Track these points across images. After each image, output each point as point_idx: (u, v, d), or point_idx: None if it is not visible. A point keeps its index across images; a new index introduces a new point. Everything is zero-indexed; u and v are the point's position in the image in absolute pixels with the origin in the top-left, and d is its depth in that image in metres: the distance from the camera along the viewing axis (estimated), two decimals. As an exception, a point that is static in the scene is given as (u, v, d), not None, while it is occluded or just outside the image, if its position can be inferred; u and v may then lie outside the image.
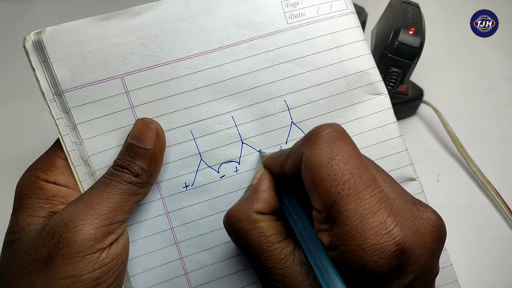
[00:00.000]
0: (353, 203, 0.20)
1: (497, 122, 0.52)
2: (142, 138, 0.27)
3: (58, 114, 0.28)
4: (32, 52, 0.28)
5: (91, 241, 0.24)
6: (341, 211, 0.20)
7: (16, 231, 0.26)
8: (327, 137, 0.22)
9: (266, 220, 0.24)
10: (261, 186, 0.26)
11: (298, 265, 0.23)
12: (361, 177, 0.21)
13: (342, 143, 0.22)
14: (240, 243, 0.25)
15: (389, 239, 0.20)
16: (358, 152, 0.22)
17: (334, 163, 0.21)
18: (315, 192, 0.21)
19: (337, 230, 0.21)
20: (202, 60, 0.29)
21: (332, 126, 0.23)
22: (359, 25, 0.31)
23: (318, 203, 0.21)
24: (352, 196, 0.20)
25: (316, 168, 0.21)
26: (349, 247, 0.20)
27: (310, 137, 0.22)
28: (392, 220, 0.20)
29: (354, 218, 0.20)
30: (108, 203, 0.26)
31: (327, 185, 0.21)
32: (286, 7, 0.30)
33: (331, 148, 0.21)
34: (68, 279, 0.24)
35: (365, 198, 0.20)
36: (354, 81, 0.30)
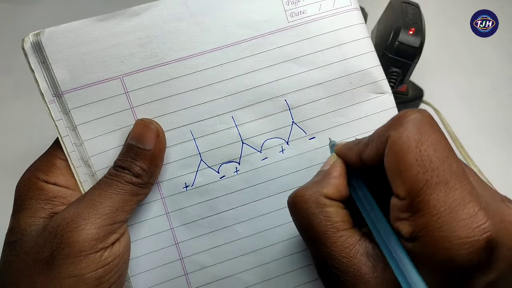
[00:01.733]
0: (442, 192, 0.19)
1: (497, 122, 0.52)
2: (142, 139, 0.27)
3: (58, 116, 0.28)
4: (31, 53, 0.28)
5: (93, 240, 0.24)
6: (428, 200, 0.19)
7: (17, 231, 0.26)
8: (416, 121, 0.21)
9: (334, 206, 0.23)
10: (333, 172, 0.25)
11: (364, 256, 0.22)
12: (450, 166, 0.20)
13: (432, 129, 0.21)
14: (303, 225, 0.24)
15: (480, 233, 0.19)
16: (447, 140, 0.21)
17: (423, 148, 0.20)
18: (400, 177, 0.20)
19: (421, 219, 0.19)
20: (202, 60, 0.29)
21: (420, 111, 0.22)
22: (363, 22, 0.31)
23: (401, 189, 0.20)
24: (442, 184, 0.19)
25: (403, 152, 0.20)
26: (436, 238, 0.19)
27: (397, 120, 0.21)
28: (484, 214, 0.19)
29: (442, 208, 0.19)
30: (110, 203, 0.26)
31: (414, 170, 0.20)
32: (287, 5, 0.29)
33: (420, 133, 0.20)
34: (71, 278, 0.24)
35: (455, 188, 0.19)
36: (357, 80, 0.30)
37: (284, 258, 0.30)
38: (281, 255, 0.30)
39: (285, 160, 0.30)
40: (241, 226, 0.30)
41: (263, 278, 0.30)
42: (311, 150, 0.30)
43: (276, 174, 0.30)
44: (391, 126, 0.21)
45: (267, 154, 0.30)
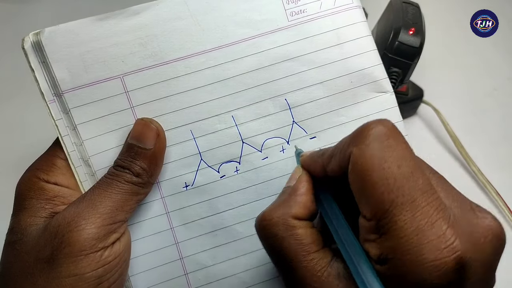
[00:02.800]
0: (408, 212, 0.18)
1: (497, 122, 0.52)
2: (142, 138, 0.27)
3: (58, 115, 0.28)
4: (31, 53, 0.28)
5: (94, 240, 0.24)
6: (394, 221, 0.18)
7: (18, 231, 0.26)
8: (378, 135, 0.20)
9: (303, 226, 0.22)
10: (300, 189, 0.23)
11: (335, 279, 0.21)
12: (416, 182, 0.19)
13: (395, 142, 0.20)
14: (273, 250, 0.23)
15: (449, 253, 0.18)
16: (412, 152, 0.20)
17: (386, 166, 0.19)
18: (365, 198, 0.19)
19: (389, 242, 0.19)
20: (202, 59, 0.29)
21: (383, 122, 0.20)
22: (364, 20, 0.30)
23: (367, 210, 0.19)
24: (407, 204, 0.18)
25: (366, 171, 0.19)
26: (404, 262, 0.18)
27: (359, 135, 0.20)
28: (452, 232, 0.18)
29: (409, 230, 0.18)
30: (110, 203, 0.26)
31: (378, 191, 0.19)
32: (287, 4, 0.29)
33: (383, 148, 0.19)
34: (71, 277, 0.24)
35: (421, 207, 0.18)
36: (358, 79, 0.30)
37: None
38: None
39: (285, 160, 0.30)
40: (241, 225, 0.30)
41: (263, 278, 0.30)
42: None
43: (277, 174, 0.30)
44: (353, 141, 0.20)
45: (268, 153, 0.30)
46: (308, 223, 0.23)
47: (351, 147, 0.20)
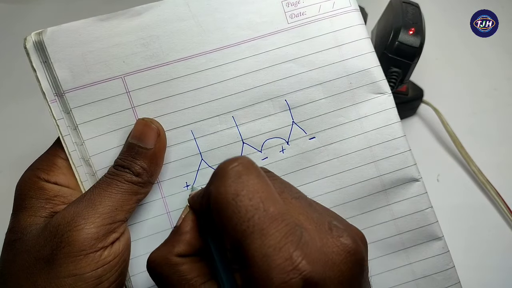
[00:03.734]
0: (258, 240, 0.19)
1: (497, 122, 0.52)
2: (143, 138, 0.27)
3: (59, 115, 0.28)
4: (33, 52, 0.28)
5: (93, 239, 0.25)
6: (247, 250, 0.19)
7: (17, 230, 0.26)
8: (232, 173, 0.21)
9: (187, 262, 0.23)
10: (184, 228, 0.24)
11: None
12: (266, 211, 0.20)
13: (247, 177, 0.21)
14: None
15: (295, 275, 0.18)
16: (265, 183, 0.21)
17: (238, 199, 0.20)
18: (223, 231, 0.20)
19: (246, 271, 0.19)
20: (203, 60, 0.29)
21: (238, 159, 0.22)
22: (362, 23, 0.31)
23: (226, 242, 0.20)
24: (257, 233, 0.19)
25: (222, 206, 0.20)
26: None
27: (216, 174, 0.22)
28: (299, 254, 0.19)
29: (259, 257, 0.19)
30: (110, 202, 0.26)
31: (232, 223, 0.20)
32: (287, 6, 0.30)
33: (236, 184, 0.20)
34: (71, 277, 0.24)
35: (270, 234, 0.19)
36: (357, 80, 0.30)
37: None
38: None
39: (285, 160, 0.30)
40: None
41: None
42: (311, 150, 0.30)
43: (277, 174, 0.30)
44: (212, 180, 0.22)
45: (267, 154, 0.30)
46: (194, 259, 0.24)
47: (210, 186, 0.21)
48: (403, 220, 0.30)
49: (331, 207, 0.30)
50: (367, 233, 0.30)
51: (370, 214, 0.30)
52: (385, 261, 0.30)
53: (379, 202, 0.30)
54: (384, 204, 0.30)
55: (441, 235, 0.30)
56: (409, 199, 0.30)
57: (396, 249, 0.30)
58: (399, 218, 0.30)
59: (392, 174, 0.30)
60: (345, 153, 0.30)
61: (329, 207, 0.30)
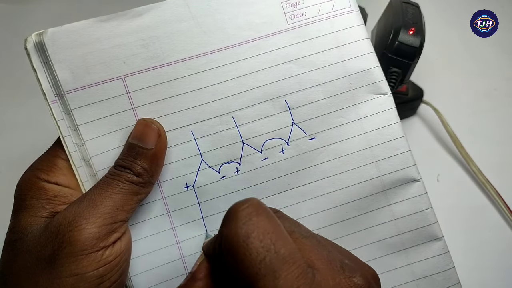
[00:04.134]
0: (270, 283, 0.19)
1: (497, 122, 0.52)
2: (143, 138, 0.27)
3: (60, 115, 0.28)
4: (34, 53, 0.28)
5: (95, 239, 0.25)
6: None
7: (18, 231, 0.26)
8: (243, 215, 0.21)
9: None
10: (198, 275, 0.24)
11: None
12: (277, 252, 0.20)
13: (257, 218, 0.21)
14: None
15: None
16: (275, 223, 0.21)
17: (249, 241, 0.20)
18: (236, 274, 0.20)
19: None
20: (203, 61, 0.29)
21: (248, 201, 0.22)
22: (362, 23, 0.31)
23: (240, 284, 0.20)
24: (269, 275, 0.19)
25: (233, 249, 0.20)
26: None
27: (227, 217, 0.22)
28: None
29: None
30: (111, 202, 0.26)
31: (244, 265, 0.20)
32: (287, 7, 0.30)
33: (247, 226, 0.20)
34: (73, 277, 0.24)
35: (282, 277, 0.19)
36: (357, 81, 0.30)
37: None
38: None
39: (285, 160, 0.30)
40: (241, 225, 0.30)
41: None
42: (311, 151, 0.30)
43: (276, 174, 0.30)
44: (223, 223, 0.22)
45: (268, 154, 0.30)
46: None
47: (222, 229, 0.22)
48: (403, 220, 0.30)
49: (331, 208, 0.30)
50: (368, 233, 0.30)
51: (371, 215, 0.30)
52: (385, 262, 0.30)
53: (379, 203, 0.30)
54: (384, 204, 0.30)
55: (441, 235, 0.30)
56: (409, 200, 0.30)
57: (396, 250, 0.30)
58: (399, 218, 0.30)
59: (392, 175, 0.30)
60: (345, 154, 0.30)
61: (330, 208, 0.30)
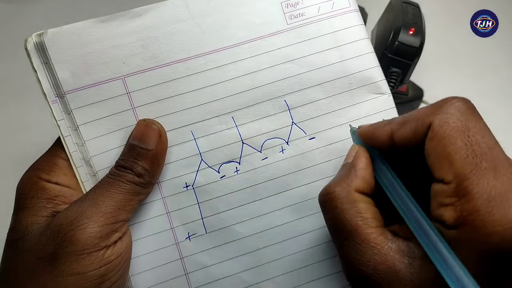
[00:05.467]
0: (491, 177, 0.19)
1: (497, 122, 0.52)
2: (144, 139, 0.27)
3: (60, 116, 0.28)
4: (34, 53, 0.28)
5: (96, 238, 0.25)
6: (477, 183, 0.19)
7: (19, 230, 0.26)
8: (461, 107, 0.21)
9: (365, 201, 0.23)
10: (359, 164, 0.24)
11: (397, 254, 0.21)
12: (498, 153, 0.20)
13: (476, 116, 0.21)
14: (334, 222, 0.23)
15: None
16: (489, 129, 0.21)
17: (471, 134, 0.20)
18: (448, 161, 0.20)
19: (470, 204, 0.19)
20: (202, 61, 0.29)
21: (463, 99, 0.22)
22: (362, 23, 0.31)
23: (448, 172, 0.20)
24: (491, 169, 0.19)
25: (451, 136, 0.20)
26: (487, 222, 0.18)
27: (441, 106, 0.21)
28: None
29: (493, 192, 0.19)
30: (113, 202, 0.26)
31: (463, 154, 0.20)
32: (286, 7, 0.30)
33: (467, 119, 0.20)
34: (74, 276, 0.24)
35: (504, 174, 0.19)
36: (357, 80, 0.30)
37: (284, 258, 0.30)
38: (281, 254, 0.30)
39: (285, 160, 0.30)
40: (241, 225, 0.30)
41: (263, 278, 0.30)
42: (311, 150, 0.30)
43: (276, 174, 0.30)
44: (435, 111, 0.21)
45: (267, 154, 0.30)
46: (370, 200, 0.23)
47: (432, 117, 0.21)
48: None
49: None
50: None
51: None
52: None
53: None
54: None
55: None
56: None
57: None
58: None
59: None
60: (345, 153, 0.30)
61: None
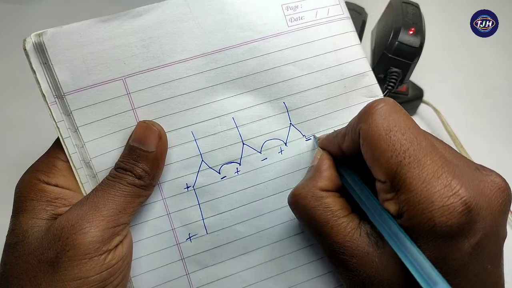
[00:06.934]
0: (415, 169, 0.21)
1: (497, 122, 0.52)
2: (144, 141, 0.27)
3: (59, 117, 0.28)
4: (33, 54, 0.27)
5: (98, 243, 0.24)
6: (404, 179, 0.21)
7: (19, 233, 0.25)
8: (382, 111, 0.23)
9: (330, 196, 0.25)
10: (322, 166, 0.27)
11: (365, 237, 0.24)
12: (419, 144, 0.22)
13: (397, 115, 0.23)
14: (306, 220, 0.26)
15: (456, 200, 0.20)
16: (414, 122, 0.23)
17: (392, 134, 0.22)
18: (377, 164, 0.22)
19: (402, 196, 0.21)
20: (203, 61, 0.29)
21: (385, 100, 0.24)
22: (354, 30, 0.32)
23: (380, 174, 0.22)
24: (414, 163, 0.21)
25: (375, 141, 0.22)
26: (417, 211, 0.21)
27: (365, 113, 0.24)
28: (457, 182, 0.21)
29: (418, 184, 0.21)
30: (113, 205, 0.26)
31: (387, 155, 0.22)
32: (287, 10, 0.30)
33: (387, 121, 0.23)
34: (76, 281, 0.24)
35: (426, 164, 0.21)
36: (351, 84, 0.31)
37: (284, 256, 0.31)
38: (282, 253, 0.30)
39: (283, 161, 0.30)
40: (242, 225, 0.30)
41: (264, 277, 0.30)
42: (308, 151, 0.31)
43: (276, 174, 0.30)
44: (361, 119, 0.24)
45: (267, 154, 0.30)
46: (335, 194, 0.26)
47: (360, 124, 0.24)
48: None
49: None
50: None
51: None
52: None
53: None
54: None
55: None
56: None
57: None
58: None
59: None
60: None
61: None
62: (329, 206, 0.25)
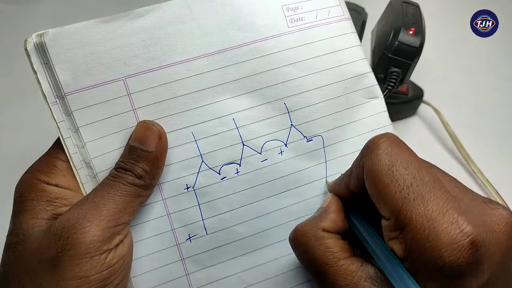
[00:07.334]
0: (420, 206, 0.21)
1: (497, 122, 0.52)
2: (144, 141, 0.27)
3: (60, 117, 0.28)
4: (34, 54, 0.27)
5: (98, 242, 0.25)
6: (409, 216, 0.21)
7: (19, 233, 0.25)
8: (384, 146, 0.23)
9: (332, 237, 0.25)
10: (329, 208, 0.27)
11: (367, 282, 0.23)
12: (423, 179, 0.21)
13: (399, 149, 0.23)
14: (305, 258, 0.25)
15: (463, 237, 0.20)
16: (416, 156, 0.23)
17: (394, 169, 0.22)
18: (381, 200, 0.22)
19: (408, 235, 0.21)
20: (204, 62, 0.29)
21: (386, 135, 0.24)
22: (354, 31, 0.32)
23: (385, 210, 0.22)
24: (418, 199, 0.21)
25: (378, 177, 0.22)
26: (424, 249, 0.20)
27: (367, 148, 0.24)
28: (463, 219, 0.20)
29: (424, 221, 0.20)
30: (114, 205, 0.26)
31: (391, 191, 0.21)
32: (287, 11, 0.30)
33: (390, 155, 0.22)
34: (76, 280, 0.24)
35: (431, 200, 0.21)
36: (352, 85, 0.31)
37: (284, 257, 0.31)
38: (281, 254, 0.31)
39: (284, 162, 0.31)
40: (241, 226, 0.30)
41: (263, 278, 0.30)
42: (309, 152, 0.31)
43: (276, 175, 0.30)
44: (364, 155, 0.24)
45: (267, 155, 0.30)
46: (337, 236, 0.26)
47: (363, 159, 0.23)
48: None
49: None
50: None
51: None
52: None
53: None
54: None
55: None
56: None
57: None
58: None
59: None
60: (341, 155, 0.31)
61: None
62: (329, 247, 0.24)
